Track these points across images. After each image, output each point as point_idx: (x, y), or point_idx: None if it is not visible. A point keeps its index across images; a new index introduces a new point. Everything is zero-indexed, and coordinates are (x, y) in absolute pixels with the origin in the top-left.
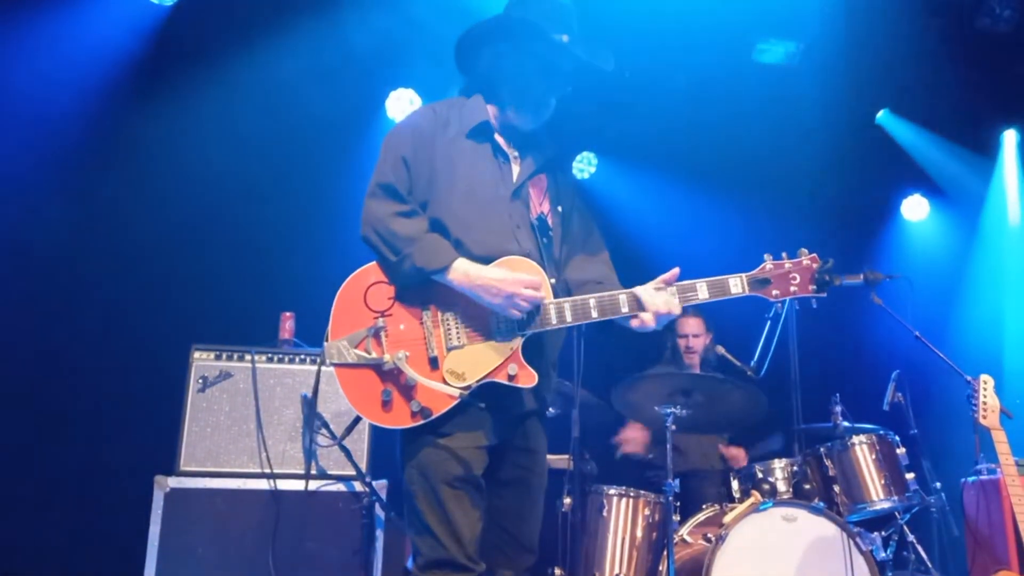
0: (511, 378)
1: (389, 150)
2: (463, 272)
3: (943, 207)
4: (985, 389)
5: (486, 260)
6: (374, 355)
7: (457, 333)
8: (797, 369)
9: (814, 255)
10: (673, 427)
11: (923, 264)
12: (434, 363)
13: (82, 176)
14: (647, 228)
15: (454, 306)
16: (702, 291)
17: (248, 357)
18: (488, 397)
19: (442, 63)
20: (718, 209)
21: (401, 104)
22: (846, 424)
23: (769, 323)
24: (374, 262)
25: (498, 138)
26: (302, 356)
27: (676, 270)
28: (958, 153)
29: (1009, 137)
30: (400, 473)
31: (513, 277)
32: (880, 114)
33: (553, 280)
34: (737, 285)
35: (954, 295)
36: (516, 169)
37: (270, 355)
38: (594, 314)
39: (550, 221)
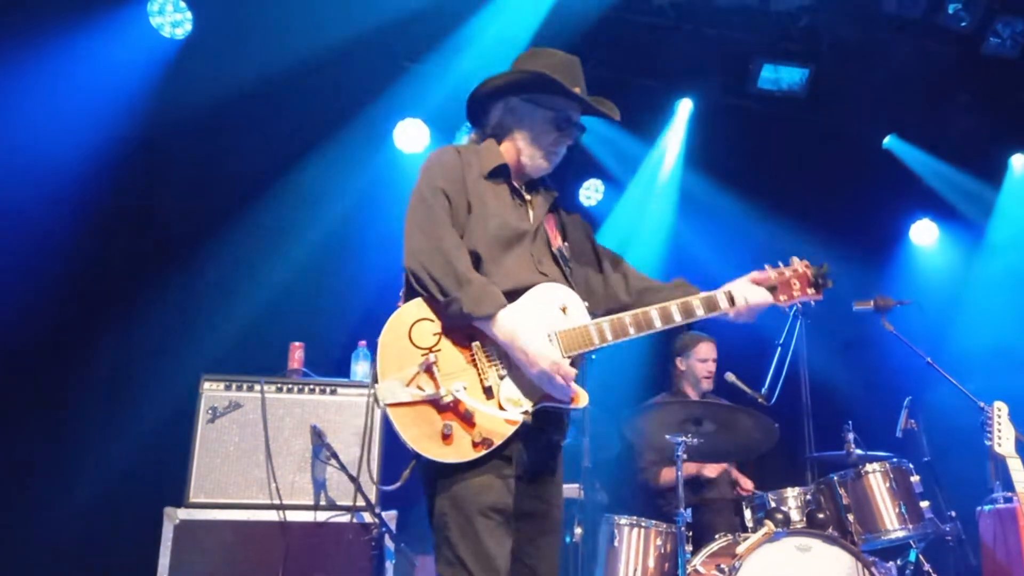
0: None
1: (426, 183)
2: (509, 330)
3: (952, 232)
4: (999, 416)
5: (514, 293)
6: (429, 390)
7: (507, 360)
8: (808, 396)
9: (805, 261)
10: (684, 456)
11: (933, 289)
12: (489, 392)
13: (93, 208)
14: (650, 254)
15: None
16: (723, 302)
17: (257, 387)
18: (525, 428)
19: (448, 93)
20: (725, 234)
21: (408, 134)
22: (859, 452)
23: (779, 350)
24: (415, 301)
25: (514, 182)
26: (311, 386)
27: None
28: (966, 177)
29: (1017, 161)
30: (429, 506)
31: (552, 359)
32: (887, 139)
33: (586, 303)
34: None
35: (965, 320)
36: (531, 212)
37: (279, 385)
38: (631, 331)
39: (567, 253)
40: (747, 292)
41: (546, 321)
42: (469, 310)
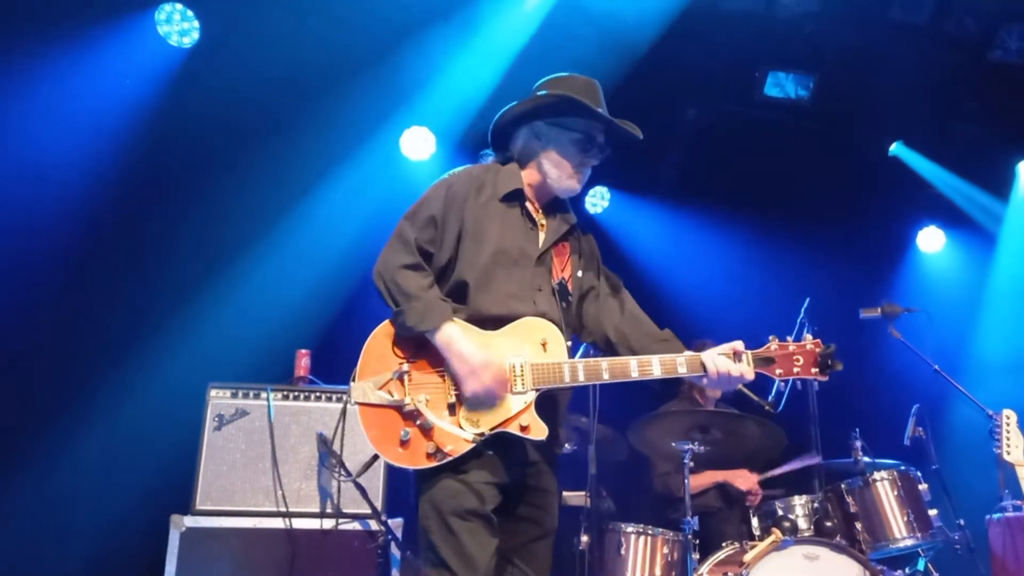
0: (523, 429)
1: (422, 207)
2: (447, 338)
3: (959, 238)
4: (1008, 424)
5: (500, 320)
6: (396, 397)
7: None
8: (815, 404)
9: (818, 340)
10: (691, 463)
11: (941, 296)
12: (452, 409)
13: (101, 215)
14: (660, 263)
15: None
16: (703, 367)
17: (264, 395)
18: (499, 445)
19: (454, 100)
20: (733, 242)
21: (415, 142)
22: (867, 460)
23: None
24: None
25: (529, 205)
26: (318, 394)
27: (740, 343)
28: (972, 185)
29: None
30: (415, 510)
31: (484, 364)
32: (894, 146)
33: (569, 343)
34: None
35: (973, 327)
36: (542, 236)
37: (286, 393)
38: (605, 376)
39: (570, 286)
40: (720, 365)
41: (522, 351)
42: (413, 323)
